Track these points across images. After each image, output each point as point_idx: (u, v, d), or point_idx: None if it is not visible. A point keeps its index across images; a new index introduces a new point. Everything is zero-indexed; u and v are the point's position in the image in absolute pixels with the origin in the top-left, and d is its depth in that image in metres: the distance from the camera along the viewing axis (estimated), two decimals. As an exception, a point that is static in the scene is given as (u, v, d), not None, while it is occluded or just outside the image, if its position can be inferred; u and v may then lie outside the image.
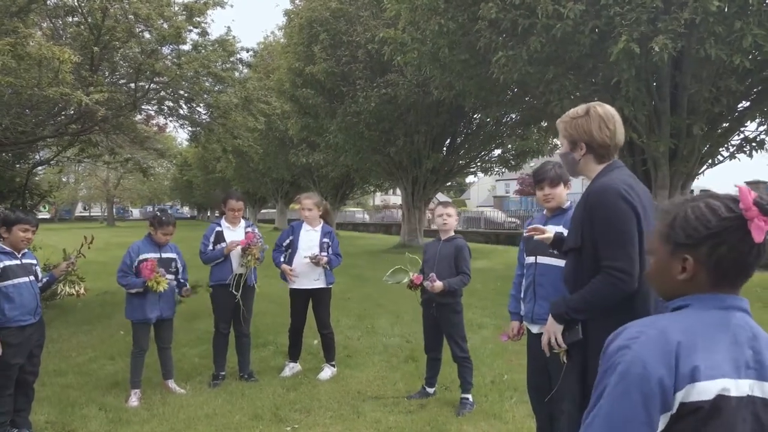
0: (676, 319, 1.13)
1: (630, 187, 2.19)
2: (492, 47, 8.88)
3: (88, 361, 6.03)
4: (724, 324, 1.11)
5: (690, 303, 1.15)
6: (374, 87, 15.41)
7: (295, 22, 17.49)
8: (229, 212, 5.23)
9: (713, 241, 1.12)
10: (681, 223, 1.16)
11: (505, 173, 25.24)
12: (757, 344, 1.12)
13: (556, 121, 2.46)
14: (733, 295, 1.16)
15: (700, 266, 1.14)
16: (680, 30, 7.16)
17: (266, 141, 25.24)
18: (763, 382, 1.10)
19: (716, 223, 1.12)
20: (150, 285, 4.62)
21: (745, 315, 1.16)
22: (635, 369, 1.04)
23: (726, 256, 1.11)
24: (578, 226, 2.27)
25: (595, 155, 2.32)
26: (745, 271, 1.15)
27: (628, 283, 2.09)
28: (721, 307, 1.13)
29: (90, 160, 9.34)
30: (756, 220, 1.08)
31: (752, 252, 1.11)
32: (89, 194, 64.53)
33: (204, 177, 43.90)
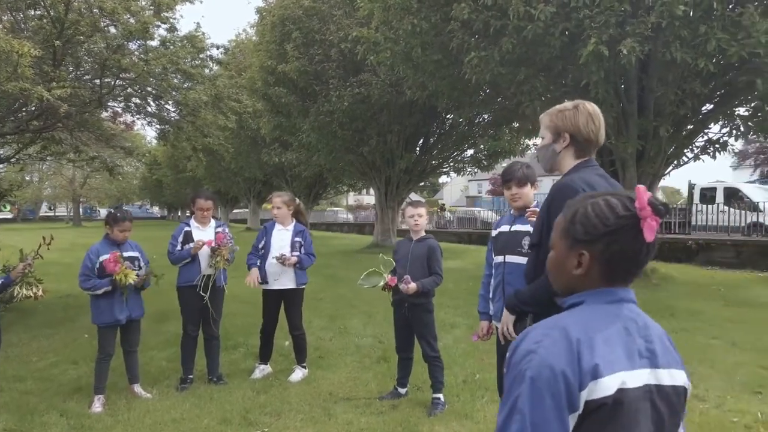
0: (574, 317, 1.15)
1: (590, 186, 2.18)
2: (464, 48, 8.92)
3: (49, 366, 5.83)
4: (616, 317, 1.14)
5: (584, 299, 1.19)
6: (347, 86, 15.33)
7: (267, 19, 17.28)
8: (198, 212, 5.12)
9: (609, 238, 1.15)
10: (581, 219, 1.19)
11: (477, 173, 25.49)
12: (648, 333, 1.16)
13: (541, 114, 2.45)
14: (624, 288, 1.19)
15: (594, 262, 1.17)
16: (647, 33, 7.30)
17: (238, 140, 24.92)
18: (657, 369, 1.13)
19: (614, 221, 1.15)
20: (118, 279, 4.47)
21: (635, 306, 1.20)
22: (544, 373, 1.05)
23: (619, 253, 1.15)
24: (538, 223, 2.35)
25: (576, 149, 2.32)
26: (635, 267, 1.19)
27: None
28: (613, 301, 1.17)
29: (53, 158, 9.04)
30: (648, 219, 1.12)
31: (643, 250, 1.15)
32: (54, 193, 62.73)
33: (174, 176, 43.11)
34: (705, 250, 14.57)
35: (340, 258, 16.15)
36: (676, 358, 1.19)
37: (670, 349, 1.19)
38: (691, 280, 11.19)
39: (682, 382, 1.18)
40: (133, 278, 4.54)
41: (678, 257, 14.74)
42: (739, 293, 9.69)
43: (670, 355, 1.18)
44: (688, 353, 5.89)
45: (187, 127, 7.84)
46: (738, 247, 14.02)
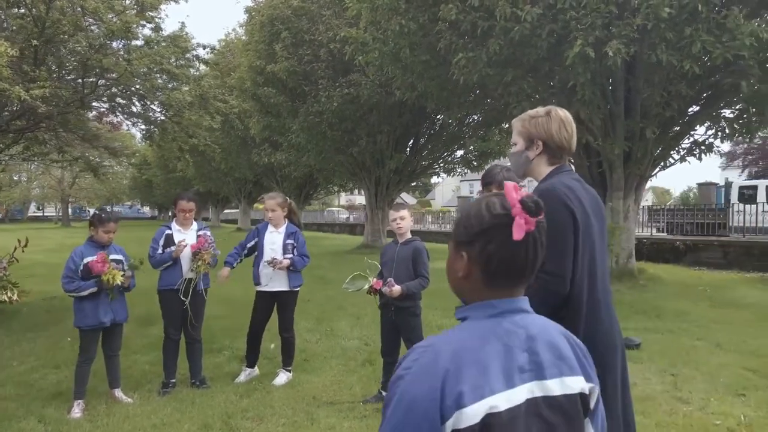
0: (453, 337, 1.12)
1: (571, 191, 2.18)
2: (452, 48, 8.91)
3: (29, 371, 5.74)
4: (495, 334, 1.10)
5: (468, 314, 1.16)
6: (336, 87, 15.29)
7: (256, 19, 17.21)
8: (180, 213, 5.05)
9: (484, 237, 1.12)
10: (463, 220, 1.17)
11: (468, 174, 25.51)
12: (533, 345, 1.12)
13: (513, 120, 2.43)
14: (509, 298, 1.15)
15: (473, 264, 1.14)
16: (633, 35, 7.32)
17: (228, 140, 24.81)
18: (543, 381, 1.10)
19: (488, 220, 1.13)
20: (105, 279, 4.40)
21: (523, 315, 1.16)
22: (405, 402, 1.04)
23: (495, 253, 1.12)
24: None
25: (549, 156, 2.31)
26: (515, 270, 1.14)
27: (557, 285, 2.08)
28: (493, 315, 1.13)
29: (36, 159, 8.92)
30: (518, 217, 1.09)
31: (519, 251, 1.11)
32: (43, 194, 62.12)
33: (164, 176, 42.88)
34: (692, 251, 14.66)
35: (330, 259, 16.09)
36: (571, 365, 1.15)
37: (565, 356, 1.15)
38: (679, 280, 11.25)
39: (578, 389, 1.15)
40: (120, 279, 4.48)
41: (666, 258, 14.83)
42: (725, 294, 9.75)
43: (564, 362, 1.14)
44: (673, 355, 5.92)
45: (171, 127, 7.76)
46: (725, 248, 14.11)
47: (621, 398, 2.27)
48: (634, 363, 5.72)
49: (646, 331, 7.05)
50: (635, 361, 5.79)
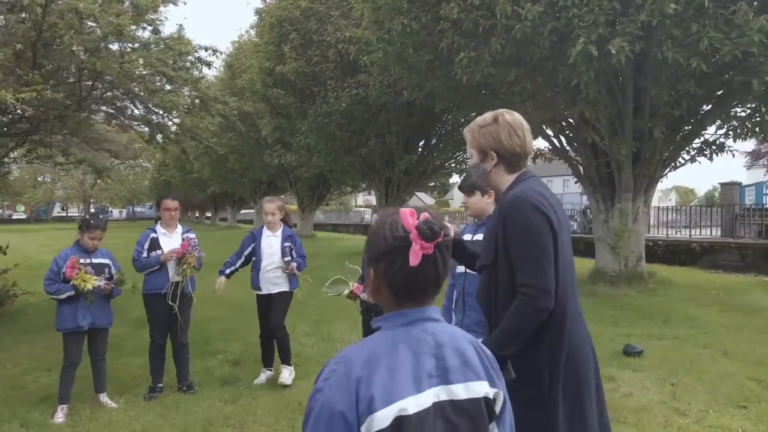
0: (366, 346, 1.17)
1: (543, 197, 2.07)
2: (454, 48, 8.77)
3: (22, 373, 5.77)
4: (405, 341, 1.15)
5: (381, 324, 1.21)
6: (345, 87, 15.23)
7: (265, 20, 17.24)
8: (164, 212, 5.03)
9: (388, 258, 1.17)
10: (371, 238, 1.22)
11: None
12: (440, 351, 1.17)
13: (464, 130, 2.32)
14: (419, 308, 1.19)
15: (380, 280, 1.19)
16: (637, 32, 7.10)
17: (241, 141, 24.96)
18: (449, 385, 1.16)
19: (391, 242, 1.16)
20: (76, 284, 4.40)
21: (432, 324, 1.20)
22: (325, 415, 1.09)
23: (398, 273, 1.16)
24: (491, 241, 2.11)
25: (506, 165, 2.20)
26: (418, 289, 1.19)
27: (545, 301, 1.95)
28: (405, 324, 1.18)
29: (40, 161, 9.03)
30: (414, 244, 1.13)
31: (419, 272, 1.15)
32: (66, 194, 63.38)
33: (181, 177, 43.32)
34: (709, 253, 14.27)
35: (335, 260, 16.01)
36: (476, 371, 1.21)
37: (471, 362, 1.20)
38: (691, 283, 10.94)
39: (483, 393, 1.20)
40: (92, 284, 4.47)
41: (681, 260, 14.46)
42: (739, 298, 9.43)
43: (470, 368, 1.20)
44: (675, 363, 5.71)
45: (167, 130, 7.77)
46: (742, 250, 13.70)
47: (597, 410, 2.16)
48: (633, 371, 5.55)
49: (651, 338, 6.84)
50: (635, 369, 5.61)
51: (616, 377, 5.36)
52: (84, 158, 8.69)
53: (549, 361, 2.01)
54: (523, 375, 2.00)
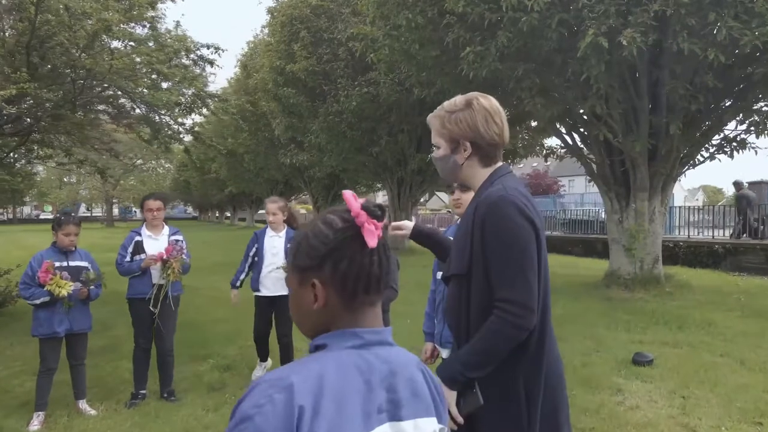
0: (309, 369, 0.98)
1: (526, 198, 1.78)
2: (460, 42, 8.49)
3: (9, 376, 5.67)
4: (357, 367, 1.01)
5: (327, 342, 1.04)
6: (356, 86, 15.03)
7: (277, 19, 17.14)
8: (147, 213, 4.86)
9: (333, 256, 1.04)
10: (303, 246, 1.08)
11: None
12: (393, 381, 1.04)
13: (428, 116, 2.00)
14: (372, 327, 1.06)
15: (328, 288, 1.04)
16: (650, 23, 6.73)
17: (255, 141, 24.96)
18: (397, 422, 1.04)
19: (333, 237, 1.05)
20: (51, 289, 4.24)
21: (388, 348, 1.07)
22: None
23: (349, 270, 1.04)
24: (464, 247, 1.80)
25: (480, 157, 1.88)
26: (373, 284, 1.06)
27: (527, 319, 1.68)
28: (356, 346, 1.03)
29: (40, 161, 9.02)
30: (366, 224, 1.03)
31: (374, 262, 1.04)
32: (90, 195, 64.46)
33: (200, 177, 43.75)
34: (732, 254, 13.70)
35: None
36: (426, 405, 1.09)
37: (421, 394, 1.08)
38: (712, 287, 10.46)
39: (431, 431, 1.09)
40: (67, 290, 4.29)
41: (704, 262, 13.92)
42: (761, 302, 8.95)
43: (420, 402, 1.08)
44: (688, 374, 5.35)
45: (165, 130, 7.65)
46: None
47: None
48: (642, 382, 5.21)
49: (664, 345, 6.47)
50: (644, 379, 5.27)
51: (622, 388, 5.03)
52: (85, 158, 8.64)
53: (525, 385, 1.74)
54: (495, 401, 1.74)
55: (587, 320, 7.84)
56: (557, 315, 8.22)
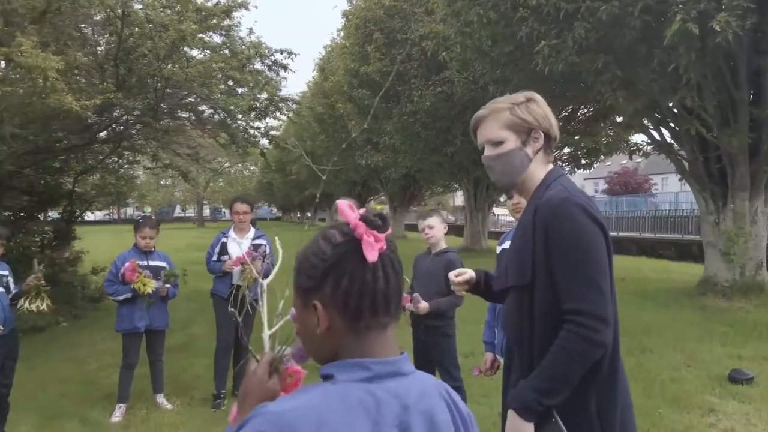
0: (309, 405, 0.87)
1: (589, 199, 1.63)
2: (534, 36, 8.13)
3: (97, 369, 6.06)
4: (364, 406, 0.89)
5: (333, 373, 0.93)
6: (429, 85, 14.90)
7: (351, 22, 17.36)
8: (234, 216, 5.01)
9: (333, 274, 0.95)
10: (303, 266, 0.99)
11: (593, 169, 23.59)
12: (406, 418, 0.93)
13: (478, 113, 1.84)
14: (383, 355, 0.95)
15: (330, 310, 0.95)
16: (747, 5, 6.08)
17: (333, 142, 25.43)
18: None
19: (331, 253, 0.96)
20: (136, 287, 4.47)
21: (400, 380, 0.95)
22: None
23: (350, 288, 0.94)
24: (524, 255, 1.65)
25: (544, 152, 1.75)
26: (380, 303, 0.94)
27: (604, 333, 1.50)
28: (365, 379, 0.92)
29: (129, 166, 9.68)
30: (365, 236, 0.93)
31: (378, 278, 0.94)
32: (183, 196, 68.65)
33: (282, 179, 45.28)
34: None
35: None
36: None
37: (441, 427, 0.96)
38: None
39: None
40: (151, 288, 4.52)
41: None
42: None
43: None
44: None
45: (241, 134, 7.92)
46: None
47: None
48: (739, 402, 4.71)
49: (766, 361, 5.83)
50: (741, 399, 4.76)
51: (716, 408, 4.57)
52: (171, 162, 9.16)
53: (599, 407, 1.56)
54: (564, 425, 1.56)
55: (678, 331, 7.25)
56: (643, 323, 7.71)
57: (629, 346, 6.43)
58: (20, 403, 4.79)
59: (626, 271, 12.99)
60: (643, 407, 4.42)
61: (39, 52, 4.59)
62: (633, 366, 5.61)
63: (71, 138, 7.10)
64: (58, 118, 6.41)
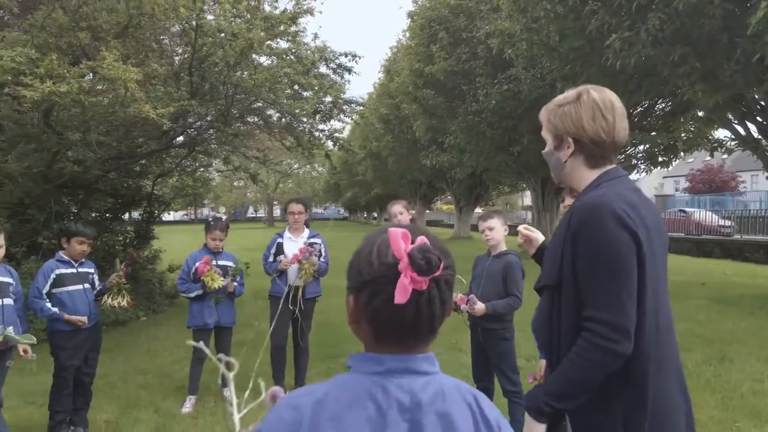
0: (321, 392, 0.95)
1: (630, 206, 1.56)
2: (604, 30, 7.81)
3: (172, 362, 6.40)
4: (371, 395, 0.92)
5: (352, 365, 1.00)
6: (495, 83, 14.65)
7: (416, 22, 17.38)
8: (289, 216, 5.17)
9: (371, 289, 0.96)
10: (354, 262, 1.01)
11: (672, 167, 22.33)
12: (417, 415, 0.92)
13: (541, 111, 1.86)
14: (402, 354, 0.96)
15: (360, 313, 0.98)
16: None
17: (398, 143, 25.55)
18: None
19: (376, 269, 0.96)
20: (205, 281, 4.71)
21: (414, 378, 0.95)
22: None
23: (380, 309, 0.94)
24: (556, 256, 1.64)
25: (586, 156, 1.71)
26: (405, 331, 0.95)
27: (619, 343, 1.47)
28: (378, 372, 0.95)
29: (203, 169, 10.18)
30: (403, 276, 0.91)
31: (407, 311, 0.92)
32: (255, 197, 71.27)
33: (349, 180, 46.01)
34: None
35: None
36: None
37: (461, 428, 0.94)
38: None
39: None
40: (219, 283, 4.74)
41: None
42: None
43: None
44: None
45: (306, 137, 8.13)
46: None
47: None
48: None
49: None
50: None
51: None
52: (240, 165, 9.55)
53: (626, 425, 1.51)
54: None
55: (763, 339, 6.74)
56: (725, 331, 7.21)
57: (707, 354, 6.06)
58: (103, 391, 5.17)
59: (707, 275, 12.22)
60: (719, 420, 4.15)
61: (120, 64, 4.93)
62: (710, 376, 5.29)
63: (150, 143, 7.57)
64: (138, 126, 6.83)
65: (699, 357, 5.91)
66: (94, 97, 5.33)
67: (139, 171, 9.13)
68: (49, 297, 4.16)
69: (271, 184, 57.94)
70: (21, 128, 7.03)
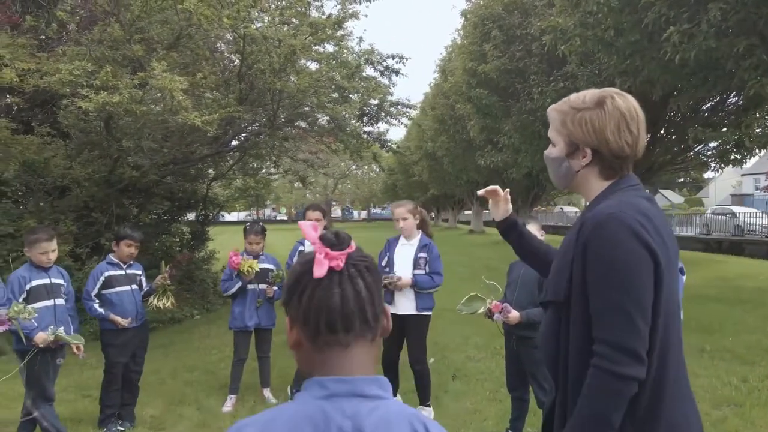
0: (262, 418, 0.94)
1: (646, 218, 1.45)
2: (662, 22, 7.41)
3: (217, 361, 6.60)
4: (312, 421, 0.89)
5: (303, 390, 0.96)
6: (551, 81, 14.20)
7: (470, 21, 17.16)
8: None
9: (296, 290, 0.97)
10: (285, 286, 1.03)
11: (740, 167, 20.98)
12: None
13: (549, 108, 1.70)
14: (342, 374, 0.94)
15: (295, 326, 0.98)
16: None
17: (453, 143, 25.32)
18: None
19: (299, 269, 0.99)
20: (243, 271, 4.82)
21: (359, 402, 0.92)
22: None
23: (308, 304, 0.95)
24: (562, 271, 1.54)
25: (602, 168, 1.57)
26: (338, 321, 0.94)
27: (631, 367, 1.36)
28: (321, 397, 0.91)
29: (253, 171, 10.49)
30: (318, 253, 0.96)
31: (332, 293, 0.94)
32: (314, 198, 72.77)
33: (405, 180, 46.09)
34: None
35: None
36: None
37: None
38: None
39: None
40: (256, 268, 4.85)
41: None
42: None
43: None
44: None
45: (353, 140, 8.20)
46: None
47: None
48: None
49: None
50: None
51: None
52: (290, 168, 9.76)
53: None
54: None
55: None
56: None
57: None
58: (152, 387, 5.40)
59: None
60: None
61: (167, 74, 5.15)
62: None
63: (202, 149, 7.86)
64: (191, 132, 7.11)
65: (763, 371, 5.49)
66: (145, 107, 5.59)
67: (194, 175, 9.51)
68: (99, 297, 4.39)
69: (329, 185, 58.97)
70: (86, 136, 7.49)
